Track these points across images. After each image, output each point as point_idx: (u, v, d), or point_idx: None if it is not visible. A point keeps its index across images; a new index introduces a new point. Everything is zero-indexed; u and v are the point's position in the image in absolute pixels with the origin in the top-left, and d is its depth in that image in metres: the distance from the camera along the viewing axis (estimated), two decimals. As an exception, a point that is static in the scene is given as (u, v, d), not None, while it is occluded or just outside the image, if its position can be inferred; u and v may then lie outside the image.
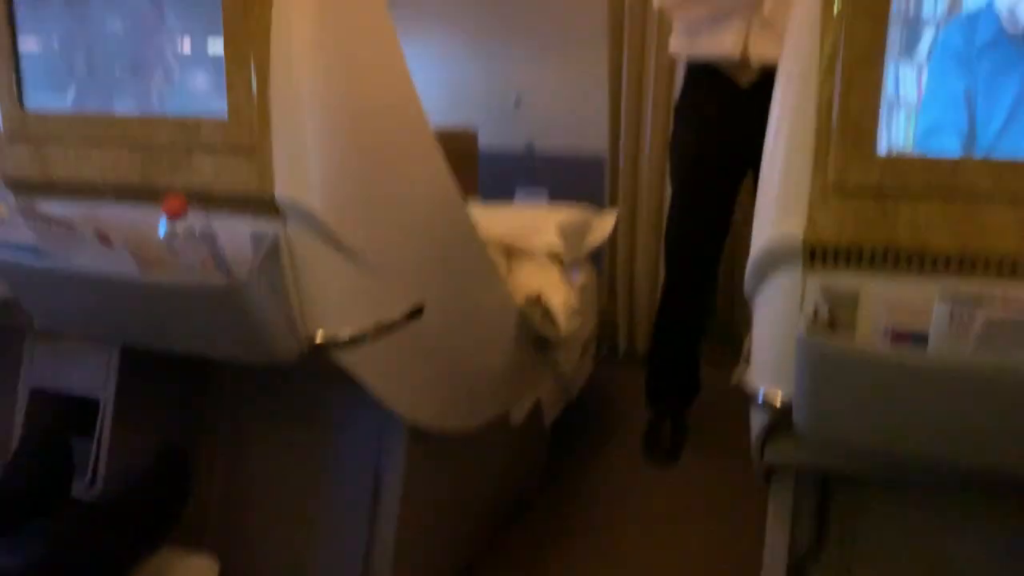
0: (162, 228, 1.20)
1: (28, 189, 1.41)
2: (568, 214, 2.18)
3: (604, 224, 2.29)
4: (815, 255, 1.06)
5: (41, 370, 1.68)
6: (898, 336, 1.02)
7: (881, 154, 1.01)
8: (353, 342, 1.30)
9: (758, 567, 1.36)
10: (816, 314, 1.05)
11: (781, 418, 1.16)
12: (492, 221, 1.92)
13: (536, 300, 1.81)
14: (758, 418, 1.23)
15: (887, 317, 1.03)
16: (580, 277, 2.12)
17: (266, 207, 1.23)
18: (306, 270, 1.26)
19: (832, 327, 1.06)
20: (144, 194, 1.30)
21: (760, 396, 1.17)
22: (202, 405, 1.70)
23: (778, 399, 1.15)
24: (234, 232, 1.24)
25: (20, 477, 1.45)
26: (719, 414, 2.35)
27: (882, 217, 1.02)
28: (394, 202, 1.34)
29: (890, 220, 1.02)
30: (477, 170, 2.84)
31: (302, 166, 1.20)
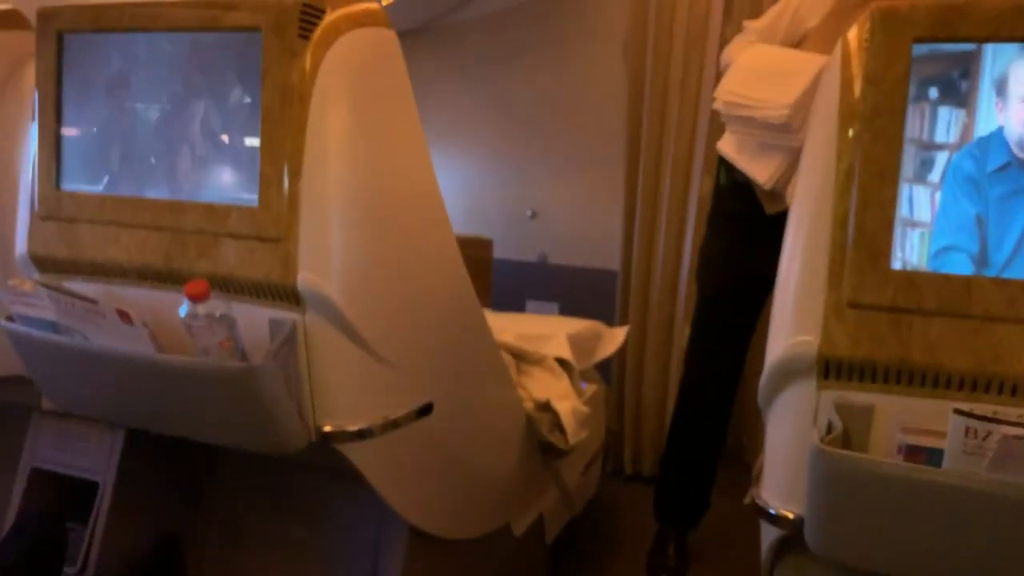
0: (183, 309, 1.22)
1: (54, 267, 1.43)
2: (579, 325, 2.20)
3: (615, 337, 2.30)
4: (829, 369, 1.07)
5: (43, 450, 1.67)
6: (912, 454, 1.01)
7: (895, 270, 1.02)
8: (360, 435, 1.30)
9: None
10: (830, 427, 1.04)
11: (792, 535, 1.13)
12: (504, 327, 1.94)
13: (545, 407, 1.80)
14: (768, 535, 1.21)
15: (901, 434, 1.03)
16: (589, 388, 2.11)
17: (287, 295, 1.25)
18: (321, 360, 1.27)
19: (845, 442, 1.05)
20: (168, 277, 1.33)
21: (771, 511, 1.15)
22: (201, 495, 1.68)
23: (790, 514, 1.13)
24: (253, 318, 1.26)
25: (10, 558, 1.42)
26: (727, 540, 2.30)
27: (896, 333, 1.03)
28: (412, 299, 1.36)
29: (904, 337, 1.02)
30: (491, 277, 2.87)
31: (326, 257, 1.23)
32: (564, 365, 1.99)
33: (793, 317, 1.10)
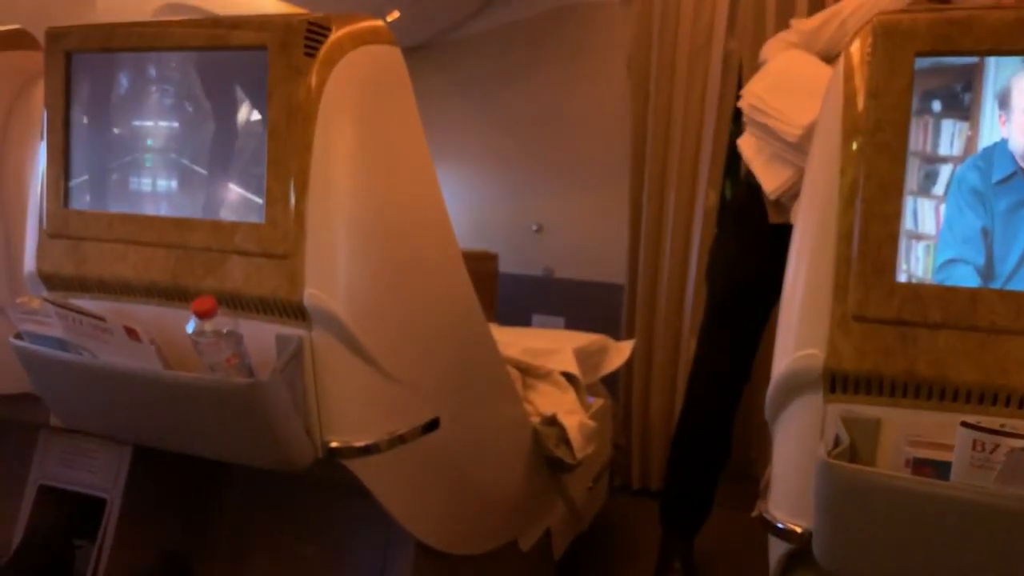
0: (190, 326, 1.23)
1: (62, 284, 1.44)
2: (585, 339, 2.20)
3: (621, 351, 2.30)
4: (835, 382, 1.06)
5: (51, 467, 1.67)
6: (920, 467, 1.01)
7: (900, 283, 1.02)
8: (367, 451, 1.30)
9: None
10: (837, 441, 1.04)
11: (800, 549, 1.13)
12: (509, 341, 1.94)
13: (552, 421, 1.80)
14: (776, 549, 1.20)
15: (908, 447, 1.02)
16: (596, 402, 2.11)
17: (293, 312, 1.25)
18: (327, 375, 1.27)
19: (852, 456, 1.04)
20: (175, 294, 1.33)
21: (779, 525, 1.15)
22: (208, 512, 1.68)
23: (798, 528, 1.12)
24: (260, 334, 1.26)
25: (19, 574, 1.42)
26: (734, 554, 2.28)
27: (902, 346, 1.03)
28: (418, 314, 1.37)
29: (910, 350, 1.02)
30: (497, 291, 2.88)
31: (332, 273, 1.23)
32: (570, 379, 1.99)
33: (799, 330, 1.10)
